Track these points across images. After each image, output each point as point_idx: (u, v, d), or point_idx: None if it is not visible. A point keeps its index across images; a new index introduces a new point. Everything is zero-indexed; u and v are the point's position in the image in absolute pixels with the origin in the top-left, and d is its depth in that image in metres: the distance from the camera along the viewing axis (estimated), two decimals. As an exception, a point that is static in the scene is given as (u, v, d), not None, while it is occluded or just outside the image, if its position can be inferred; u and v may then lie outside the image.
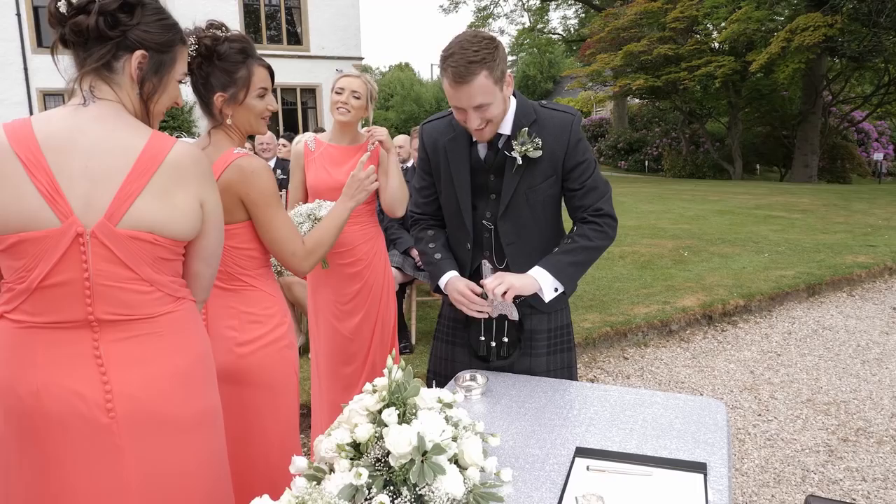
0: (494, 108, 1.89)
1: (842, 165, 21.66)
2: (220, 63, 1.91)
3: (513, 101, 2.00)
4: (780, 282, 6.50)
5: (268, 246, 1.95)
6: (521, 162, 1.97)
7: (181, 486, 1.50)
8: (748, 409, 4.05)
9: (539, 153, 1.96)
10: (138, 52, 1.43)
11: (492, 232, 2.09)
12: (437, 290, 2.16)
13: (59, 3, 1.38)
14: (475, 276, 2.13)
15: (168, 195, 1.42)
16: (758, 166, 23.25)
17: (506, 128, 1.99)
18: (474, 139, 2.02)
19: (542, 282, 1.98)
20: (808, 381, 4.46)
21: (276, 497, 1.21)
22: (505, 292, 1.91)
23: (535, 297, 2.03)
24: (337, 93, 3.01)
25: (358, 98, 3.00)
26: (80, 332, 1.39)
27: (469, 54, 1.80)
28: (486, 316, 2.05)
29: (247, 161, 1.87)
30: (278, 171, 6.37)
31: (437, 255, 2.14)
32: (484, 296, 2.00)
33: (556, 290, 2.02)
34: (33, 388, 1.36)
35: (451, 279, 2.07)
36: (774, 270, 6.97)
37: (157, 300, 1.45)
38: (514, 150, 1.97)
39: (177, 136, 1.58)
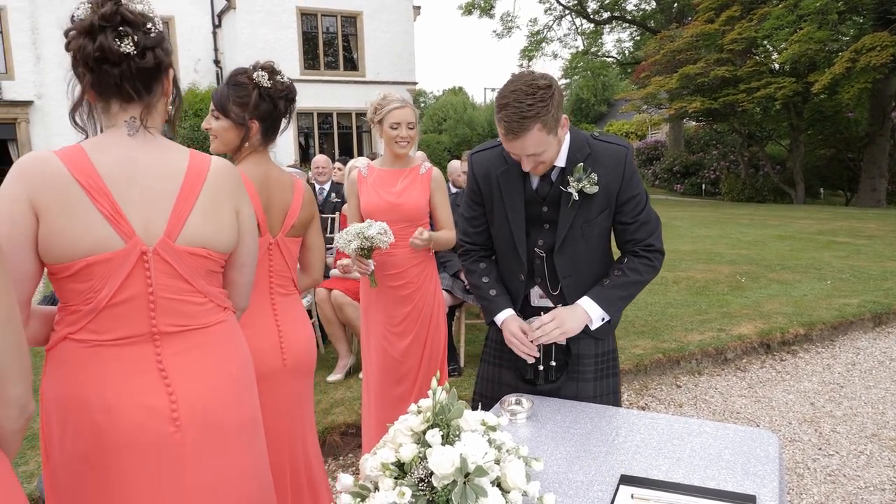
0: (548, 153, 1.92)
1: (912, 190, 20.69)
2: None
3: (566, 135, 2.00)
4: (843, 310, 6.25)
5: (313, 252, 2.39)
6: (577, 198, 1.98)
7: (232, 492, 1.56)
8: (808, 442, 3.90)
9: (596, 189, 1.96)
10: (170, 70, 1.55)
11: (543, 259, 2.10)
12: (490, 322, 2.19)
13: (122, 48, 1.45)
14: (525, 302, 2.17)
15: (214, 210, 1.53)
16: (821, 190, 22.38)
17: (560, 160, 2.00)
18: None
19: (592, 314, 2.03)
20: (872, 415, 4.27)
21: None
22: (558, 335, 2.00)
23: None
24: (393, 128, 3.05)
25: (412, 128, 3.08)
26: (144, 347, 1.46)
27: (523, 108, 1.78)
28: (534, 360, 2.09)
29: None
30: (332, 195, 6.53)
31: (493, 292, 2.15)
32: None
33: (603, 319, 2.07)
34: (105, 403, 1.42)
35: (506, 319, 2.10)
36: (838, 298, 6.71)
37: (210, 310, 1.55)
38: (570, 186, 1.97)
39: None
